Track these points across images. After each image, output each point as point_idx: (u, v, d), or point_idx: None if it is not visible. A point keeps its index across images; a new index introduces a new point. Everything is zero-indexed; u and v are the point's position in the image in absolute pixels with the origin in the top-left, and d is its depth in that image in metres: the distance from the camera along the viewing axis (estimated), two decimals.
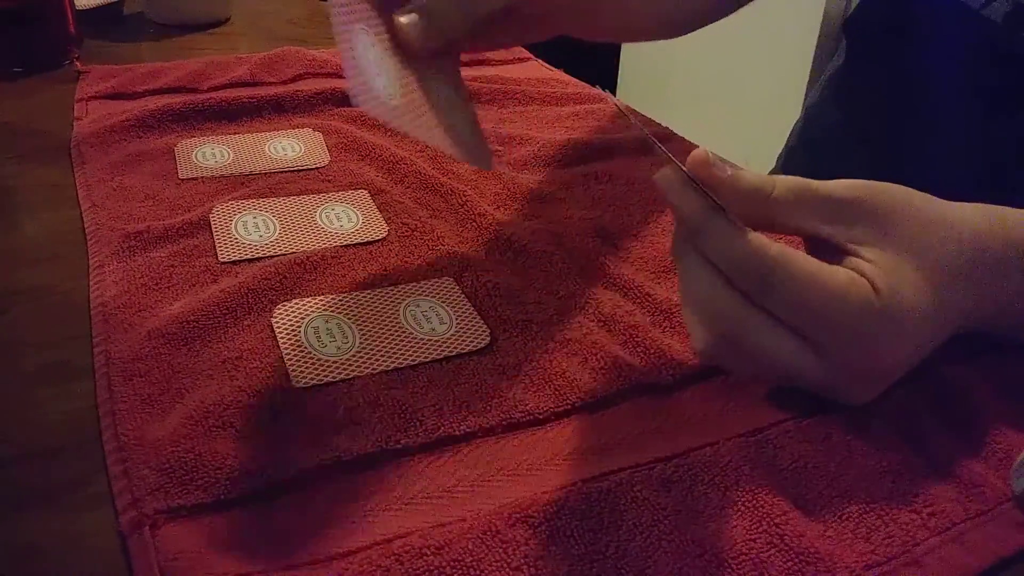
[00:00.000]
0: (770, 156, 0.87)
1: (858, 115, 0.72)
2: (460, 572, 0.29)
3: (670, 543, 0.31)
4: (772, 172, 0.83)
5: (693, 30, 0.67)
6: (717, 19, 0.67)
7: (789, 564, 0.30)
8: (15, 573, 0.30)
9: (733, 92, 2.07)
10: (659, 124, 0.70)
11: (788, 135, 0.82)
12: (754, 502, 0.33)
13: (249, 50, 0.84)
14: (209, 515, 0.31)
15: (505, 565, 0.30)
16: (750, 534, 0.32)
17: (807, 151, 0.78)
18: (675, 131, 0.69)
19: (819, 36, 1.81)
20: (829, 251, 0.37)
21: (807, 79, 1.85)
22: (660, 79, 2.24)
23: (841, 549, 0.31)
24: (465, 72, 0.82)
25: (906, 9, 0.67)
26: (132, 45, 0.86)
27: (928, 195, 0.39)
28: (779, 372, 0.37)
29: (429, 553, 0.30)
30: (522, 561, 0.30)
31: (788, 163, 0.80)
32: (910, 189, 0.39)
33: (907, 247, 0.37)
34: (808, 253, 0.39)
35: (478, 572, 0.29)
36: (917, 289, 0.36)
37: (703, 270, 0.36)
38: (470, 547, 0.30)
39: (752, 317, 0.35)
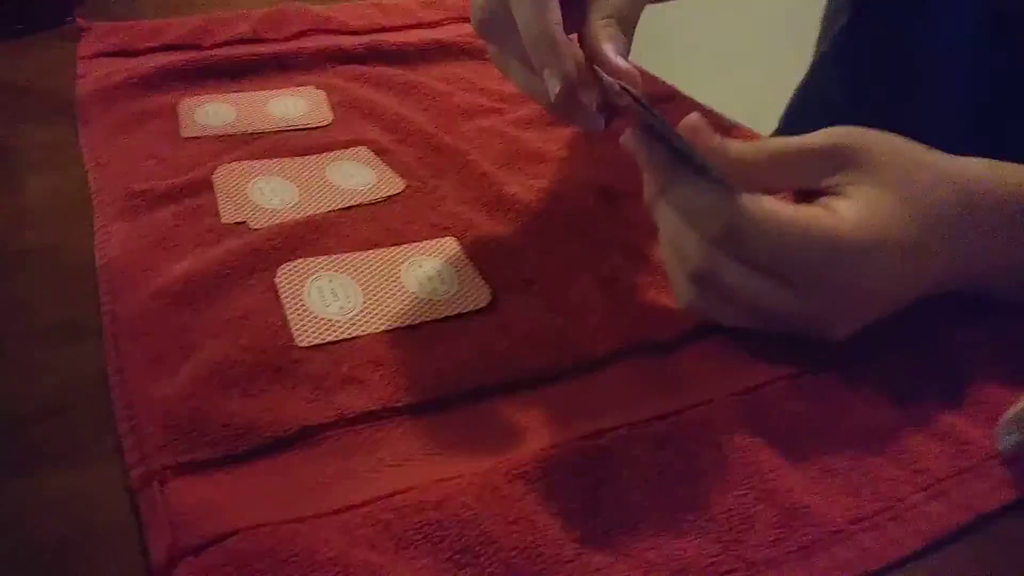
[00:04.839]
0: (777, 115, 0.87)
1: (858, 75, 0.72)
2: (458, 526, 0.30)
3: (663, 498, 0.32)
4: (774, 133, 0.82)
5: None
6: None
7: (777, 518, 0.31)
8: (30, 526, 0.31)
9: (740, 51, 2.04)
10: (664, 83, 0.70)
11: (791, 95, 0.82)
12: (745, 459, 0.34)
13: (250, 6, 0.84)
14: (216, 470, 0.33)
15: (502, 520, 0.31)
16: (740, 489, 0.33)
17: (808, 111, 0.78)
18: (682, 89, 0.69)
19: None
20: (812, 198, 0.38)
21: (815, 38, 1.82)
22: (667, 37, 2.21)
23: (828, 503, 0.32)
24: (461, 29, 0.82)
25: None
26: (133, 1, 0.85)
27: (920, 145, 0.40)
28: (756, 311, 0.38)
29: (429, 508, 0.31)
30: (519, 515, 0.31)
31: (788, 123, 0.79)
32: (896, 135, 0.39)
33: (889, 183, 0.37)
34: (794, 201, 0.40)
35: (476, 526, 0.30)
36: (896, 220, 0.37)
37: (674, 215, 0.38)
38: (468, 502, 0.31)
39: (723, 260, 0.36)
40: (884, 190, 0.37)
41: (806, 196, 0.39)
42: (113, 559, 0.30)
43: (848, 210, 0.36)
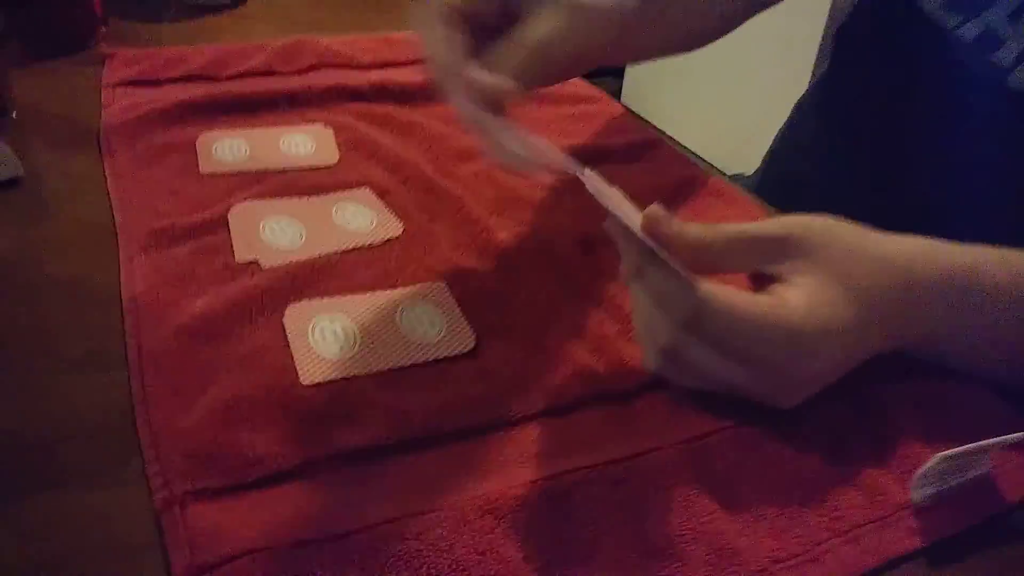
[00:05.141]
0: (760, 156, 0.91)
1: (835, 122, 0.77)
2: (435, 554, 0.35)
3: (614, 535, 0.37)
4: (756, 172, 0.87)
5: (713, 41, 0.69)
6: (733, 29, 0.70)
7: (707, 556, 0.37)
8: (61, 540, 0.36)
9: (736, 94, 2.09)
10: (655, 127, 0.75)
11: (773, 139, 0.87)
12: (687, 502, 0.39)
13: (266, 34, 0.88)
14: (228, 497, 0.38)
15: (473, 550, 0.36)
16: (679, 529, 0.38)
17: (786, 156, 0.82)
18: (680, 130, 0.74)
19: (821, 41, 1.83)
20: (766, 280, 0.43)
21: (808, 84, 1.87)
22: (665, 80, 2.26)
23: (754, 545, 0.37)
24: None
25: (888, 23, 0.71)
26: (153, 26, 0.90)
27: (863, 229, 0.45)
28: (715, 383, 0.43)
29: (410, 537, 0.36)
30: (487, 547, 0.36)
31: (769, 167, 0.84)
32: (846, 223, 0.44)
33: (833, 273, 0.42)
34: (750, 283, 0.45)
35: (450, 555, 0.35)
36: (837, 308, 0.42)
37: (646, 297, 0.43)
38: (444, 534, 0.36)
39: (688, 340, 0.41)
40: (826, 278, 0.42)
41: (758, 277, 0.44)
42: (138, 571, 0.35)
43: (797, 301, 0.41)
